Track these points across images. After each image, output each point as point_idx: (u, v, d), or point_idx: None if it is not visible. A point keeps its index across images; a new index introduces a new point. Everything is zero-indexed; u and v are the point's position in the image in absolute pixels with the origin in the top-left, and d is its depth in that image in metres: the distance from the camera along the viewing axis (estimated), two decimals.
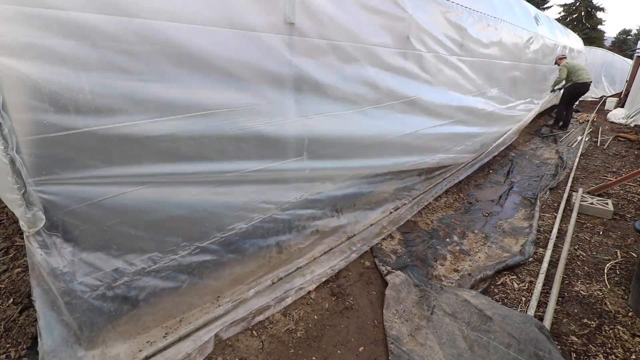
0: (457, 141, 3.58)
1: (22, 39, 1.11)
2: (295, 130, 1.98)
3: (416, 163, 3.04)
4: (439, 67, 3.10)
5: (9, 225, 2.71)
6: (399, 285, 2.11)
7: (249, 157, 1.81)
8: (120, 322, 1.56)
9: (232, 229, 1.85)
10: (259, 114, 1.78)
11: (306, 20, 1.85)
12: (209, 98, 1.59)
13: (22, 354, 1.60)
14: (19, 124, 1.16)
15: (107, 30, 1.25)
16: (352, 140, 2.38)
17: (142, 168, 1.47)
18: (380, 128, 2.58)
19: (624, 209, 3.30)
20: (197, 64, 1.50)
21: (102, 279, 1.48)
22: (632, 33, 35.72)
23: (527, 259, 2.46)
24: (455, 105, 3.44)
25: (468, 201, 3.45)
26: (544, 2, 26.84)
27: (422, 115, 3.01)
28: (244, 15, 1.60)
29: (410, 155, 2.97)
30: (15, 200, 1.21)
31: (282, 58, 1.81)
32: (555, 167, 4.53)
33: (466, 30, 3.33)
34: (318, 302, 2.00)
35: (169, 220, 1.61)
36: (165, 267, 1.66)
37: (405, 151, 2.89)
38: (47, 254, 1.33)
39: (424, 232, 2.82)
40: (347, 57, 2.16)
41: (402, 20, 2.50)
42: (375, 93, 2.45)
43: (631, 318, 1.94)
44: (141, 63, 1.35)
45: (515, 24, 4.60)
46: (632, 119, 7.53)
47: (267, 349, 1.69)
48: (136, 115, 1.39)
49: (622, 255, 2.53)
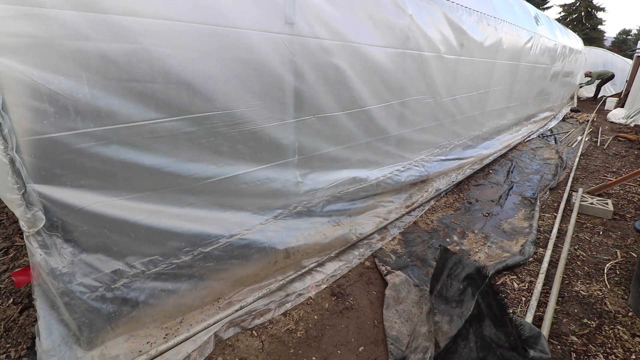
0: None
1: (23, 38, 1.11)
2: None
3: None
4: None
5: (9, 225, 2.71)
6: (399, 285, 2.11)
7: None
8: (119, 323, 1.56)
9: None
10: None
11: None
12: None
13: (22, 354, 1.60)
14: (18, 124, 1.16)
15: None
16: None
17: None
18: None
19: (624, 209, 3.30)
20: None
21: (101, 280, 1.48)
22: (632, 33, 35.71)
23: (527, 259, 2.46)
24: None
25: (468, 201, 3.45)
26: (544, 2, 26.84)
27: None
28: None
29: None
30: (15, 200, 1.21)
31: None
32: (555, 167, 4.53)
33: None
34: (318, 302, 2.00)
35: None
36: (166, 270, 1.66)
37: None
38: (47, 254, 1.33)
39: (424, 232, 2.82)
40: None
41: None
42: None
43: (631, 318, 1.94)
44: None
45: (515, 23, 4.60)
46: (632, 119, 7.53)
47: (267, 348, 1.69)
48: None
49: (622, 255, 2.53)
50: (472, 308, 1.69)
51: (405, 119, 3.03)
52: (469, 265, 1.98)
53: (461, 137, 4.10)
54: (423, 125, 3.32)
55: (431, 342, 1.64)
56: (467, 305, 1.75)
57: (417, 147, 3.39)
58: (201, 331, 1.69)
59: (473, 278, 1.91)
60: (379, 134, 2.79)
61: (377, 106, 2.64)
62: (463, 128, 4.06)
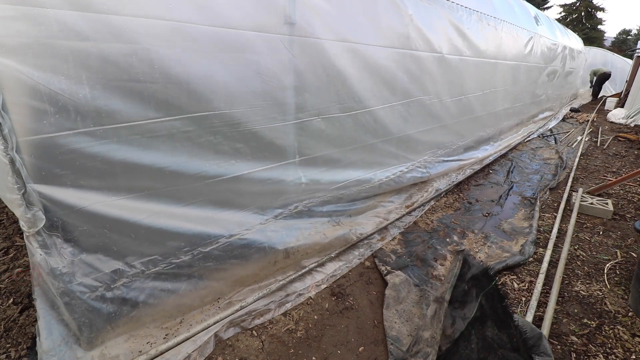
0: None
1: (23, 38, 1.11)
2: None
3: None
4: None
5: (9, 225, 2.71)
6: (399, 285, 2.11)
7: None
8: (119, 323, 1.56)
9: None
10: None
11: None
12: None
13: (22, 354, 1.60)
14: (18, 124, 1.16)
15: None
16: None
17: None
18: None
19: (624, 209, 3.30)
20: None
21: (101, 280, 1.48)
22: (632, 33, 35.72)
23: (527, 259, 2.46)
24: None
25: (468, 201, 3.45)
26: (544, 2, 26.84)
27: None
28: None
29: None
30: (15, 200, 1.21)
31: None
32: (555, 167, 4.53)
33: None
34: (318, 302, 2.00)
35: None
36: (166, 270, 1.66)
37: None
38: (47, 254, 1.33)
39: (424, 232, 2.82)
40: None
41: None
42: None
43: (631, 318, 1.94)
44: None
45: (515, 23, 4.60)
46: (632, 119, 7.53)
47: (267, 348, 1.69)
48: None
49: (622, 255, 2.53)
50: (475, 310, 1.69)
51: (409, 120, 3.03)
52: (475, 266, 1.96)
53: (465, 138, 4.10)
54: (426, 126, 3.33)
55: (433, 348, 1.62)
56: (470, 307, 1.75)
57: (421, 148, 3.40)
58: (201, 331, 1.69)
59: (478, 279, 1.89)
60: (383, 136, 2.79)
61: (380, 107, 2.65)
62: (465, 129, 4.06)
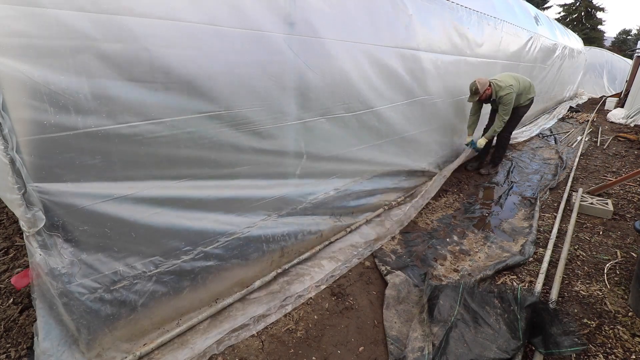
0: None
1: (23, 38, 1.11)
2: None
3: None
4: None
5: (9, 225, 2.71)
6: (399, 285, 2.11)
7: None
8: (118, 325, 1.55)
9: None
10: None
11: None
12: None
13: (22, 354, 1.60)
14: (18, 124, 1.16)
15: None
16: None
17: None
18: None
19: (624, 209, 3.30)
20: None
21: (101, 281, 1.48)
22: (632, 33, 35.71)
23: (527, 258, 2.46)
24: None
25: (468, 201, 3.45)
26: (544, 2, 26.84)
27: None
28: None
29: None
30: (15, 200, 1.21)
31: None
32: (555, 167, 4.53)
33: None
34: (318, 302, 2.00)
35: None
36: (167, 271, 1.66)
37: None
38: (47, 254, 1.33)
39: (423, 232, 2.82)
40: None
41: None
42: None
43: (631, 318, 1.94)
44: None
45: (515, 23, 4.60)
46: (632, 119, 7.53)
47: (267, 348, 1.69)
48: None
49: (622, 255, 2.53)
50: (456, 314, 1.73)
51: (411, 120, 3.03)
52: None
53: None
54: (431, 126, 3.33)
55: (426, 342, 1.63)
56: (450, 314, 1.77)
57: (425, 149, 3.41)
58: (201, 332, 1.69)
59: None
60: (387, 136, 2.80)
61: (386, 107, 2.65)
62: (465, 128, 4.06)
